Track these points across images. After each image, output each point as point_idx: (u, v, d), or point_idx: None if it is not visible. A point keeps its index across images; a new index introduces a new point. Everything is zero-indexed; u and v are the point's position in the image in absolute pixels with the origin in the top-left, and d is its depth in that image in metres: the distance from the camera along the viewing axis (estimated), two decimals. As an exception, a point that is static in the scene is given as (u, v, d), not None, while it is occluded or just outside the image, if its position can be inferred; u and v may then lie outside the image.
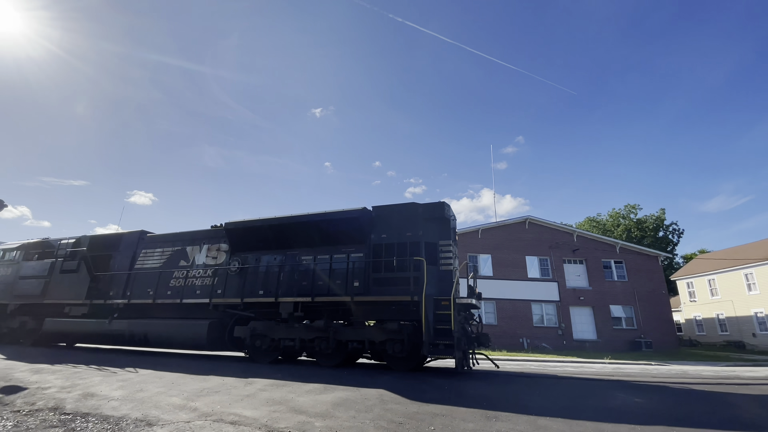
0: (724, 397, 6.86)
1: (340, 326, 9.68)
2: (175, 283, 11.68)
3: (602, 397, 6.51)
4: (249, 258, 11.23)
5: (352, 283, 9.80)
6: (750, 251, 32.89)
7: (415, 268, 9.27)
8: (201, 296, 11.12)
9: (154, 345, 11.30)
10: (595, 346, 24.35)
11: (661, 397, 6.59)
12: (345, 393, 6.14)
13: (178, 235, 12.69)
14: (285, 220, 10.90)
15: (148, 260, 12.55)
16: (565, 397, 6.47)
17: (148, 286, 11.85)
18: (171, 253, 12.36)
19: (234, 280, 10.96)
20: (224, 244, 11.70)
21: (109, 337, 11.73)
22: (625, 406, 5.80)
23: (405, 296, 9.10)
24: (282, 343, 9.97)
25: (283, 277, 10.51)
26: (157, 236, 13.06)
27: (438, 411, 5.13)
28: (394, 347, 9.11)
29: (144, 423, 4.41)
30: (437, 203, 10.18)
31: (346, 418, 4.67)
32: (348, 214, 10.32)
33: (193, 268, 11.71)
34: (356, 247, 10.31)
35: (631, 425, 4.70)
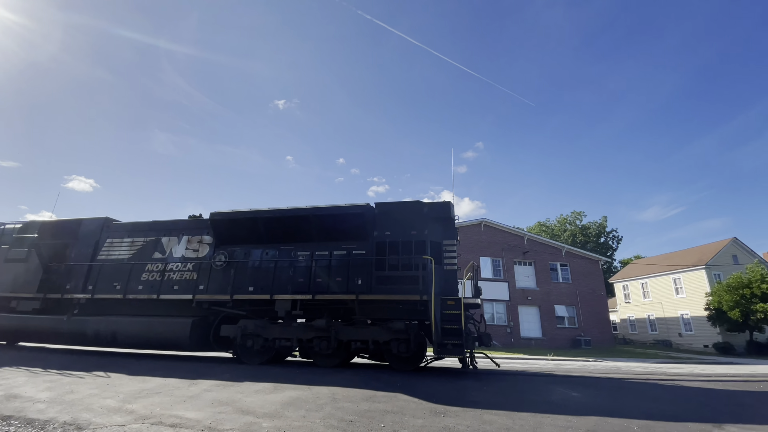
0: (651, 390, 7.48)
1: (341, 326, 9.36)
2: (148, 277, 10.68)
3: (544, 392, 6.86)
4: (237, 252, 10.48)
5: (354, 281, 9.45)
6: (679, 258, 36.24)
7: (422, 267, 9.13)
8: (180, 292, 10.23)
9: (125, 345, 10.31)
10: (540, 344, 25.76)
11: (595, 391, 7.07)
12: (296, 392, 6.04)
13: (152, 225, 11.61)
14: (280, 213, 10.29)
15: (115, 251, 11.40)
16: (510, 392, 6.75)
17: (115, 280, 10.76)
18: (143, 243, 11.30)
19: (219, 275, 10.21)
20: (207, 236, 10.89)
21: (67, 336, 10.56)
22: (564, 400, 6.16)
23: (414, 295, 8.92)
24: (277, 343, 9.49)
25: (278, 273, 9.91)
26: (125, 225, 11.90)
27: (389, 408, 5.16)
28: (399, 347, 8.95)
29: (73, 427, 4.09)
30: (443, 203, 10.06)
31: (295, 417, 4.58)
32: (351, 210, 10.00)
33: (171, 261, 10.76)
34: (358, 244, 9.94)
35: (568, 417, 5.00)
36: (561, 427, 4.53)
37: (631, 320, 39.52)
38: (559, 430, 4.44)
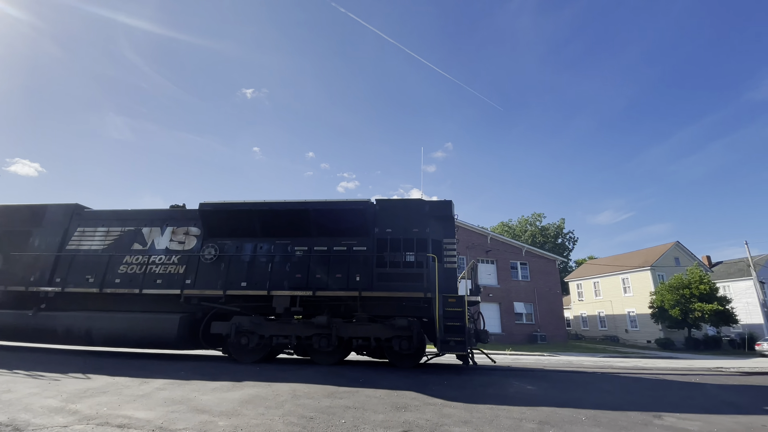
0: (599, 383, 7.94)
1: (342, 323, 9.20)
2: (126, 269, 10.06)
3: (501, 385, 7.11)
4: (228, 245, 10.06)
5: (354, 278, 9.37)
6: (627, 260, 38.76)
7: (425, 265, 9.24)
8: (165, 286, 9.75)
9: (101, 343, 9.71)
10: (499, 339, 26.73)
11: (549, 384, 7.42)
12: (255, 389, 5.90)
13: (130, 213, 10.98)
14: (277, 206, 10.03)
15: (87, 241, 10.58)
16: (469, 385, 6.94)
17: (88, 272, 10.06)
18: (120, 233, 10.58)
19: (209, 270, 9.80)
20: (194, 227, 10.40)
21: (32, 333, 9.73)
22: (519, 393, 6.42)
23: (418, 292, 9.01)
24: (274, 341, 9.27)
25: (275, 268, 9.66)
26: (99, 212, 11.15)
27: (350, 404, 5.16)
28: (401, 344, 8.95)
29: (11, 428, 3.78)
30: (444, 201, 10.18)
31: (253, 415, 4.48)
32: (352, 206, 9.94)
33: (153, 254, 10.18)
34: (358, 241, 9.82)
35: (522, 408, 5.21)
36: (516, 419, 4.70)
37: (583, 317, 41.82)
38: (514, 421, 4.60)
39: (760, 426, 4.78)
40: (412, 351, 9.06)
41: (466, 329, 8.48)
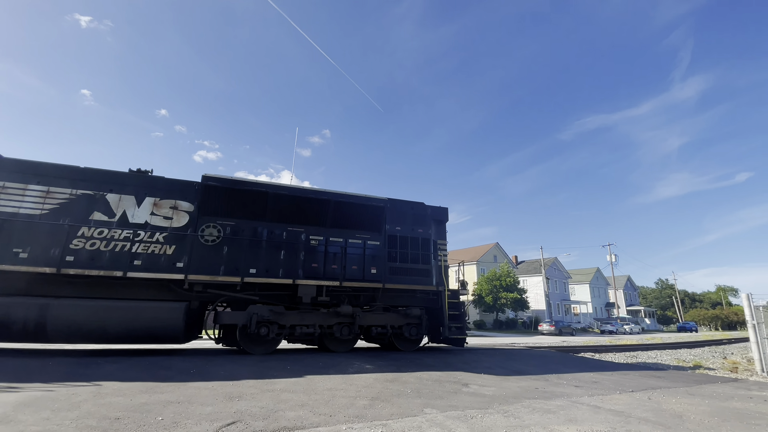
0: (426, 359, 8.95)
1: (362, 312, 9.95)
2: (84, 245, 8.15)
3: (344, 366, 7.42)
4: (231, 227, 9.23)
5: (369, 270, 10.07)
6: (462, 255, 46.02)
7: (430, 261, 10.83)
8: (145, 268, 8.38)
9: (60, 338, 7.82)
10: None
11: (386, 362, 8.07)
12: (41, 392, 4.72)
13: (85, 172, 8.67)
14: (297, 192, 9.97)
15: (10, 200, 8.04)
16: (311, 369, 7.01)
17: (17, 245, 7.78)
18: (69, 197, 8.40)
19: (208, 252, 8.89)
20: (185, 202, 9.08)
21: None
22: (358, 371, 6.80)
23: (430, 286, 10.60)
24: (297, 330, 9.36)
25: (289, 256, 9.50)
26: (29, 163, 8.43)
27: (173, 398, 4.61)
28: (410, 330, 10.40)
29: None
30: (443, 208, 11.69)
31: (33, 421, 3.57)
32: (373, 202, 10.64)
33: (125, 228, 8.52)
34: (372, 235, 10.45)
35: (359, 386, 5.49)
36: (351, 397, 4.92)
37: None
38: (349, 399, 4.81)
39: (534, 389, 6.14)
40: (419, 337, 10.61)
41: (464, 318, 10.59)
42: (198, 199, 9.17)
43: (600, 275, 61.29)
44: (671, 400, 5.84)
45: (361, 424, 4.06)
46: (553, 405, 5.22)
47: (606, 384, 7.05)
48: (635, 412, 4.99)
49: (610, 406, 5.24)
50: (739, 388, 7.10)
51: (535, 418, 4.52)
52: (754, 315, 9.41)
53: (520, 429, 4.08)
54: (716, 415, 4.98)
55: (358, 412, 4.51)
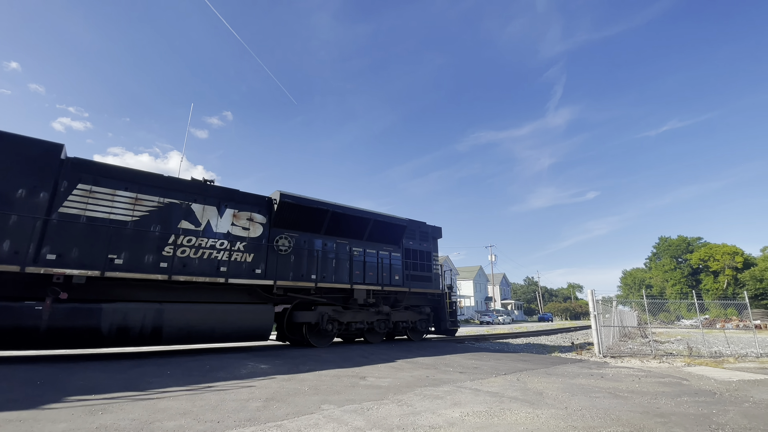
0: (321, 355, 8.87)
1: (393, 311, 12.33)
2: (174, 252, 8.48)
3: (235, 367, 6.93)
4: (296, 238, 10.60)
5: (394, 277, 12.52)
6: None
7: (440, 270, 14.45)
8: (231, 274, 9.12)
9: (174, 340, 8.27)
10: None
11: (282, 361, 7.77)
12: None
13: (168, 181, 8.95)
14: (348, 211, 11.66)
15: (99, 205, 7.86)
16: (196, 373, 6.40)
17: (111, 250, 7.70)
18: (158, 204, 8.55)
19: (282, 260, 10.16)
20: (258, 214, 10.12)
21: (47, 336, 6.88)
22: (252, 373, 6.42)
23: (438, 290, 13.86)
24: (352, 326, 11.32)
25: (340, 264, 11.29)
26: (115, 169, 8.31)
27: (13, 416, 3.74)
28: (422, 325, 13.36)
29: None
30: (438, 227, 14.75)
31: None
32: (400, 222, 13.19)
33: (211, 237, 9.13)
34: (394, 248, 12.97)
35: (251, 389, 5.19)
36: (242, 400, 4.63)
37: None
38: (240, 403, 4.52)
39: (425, 377, 6.53)
40: (427, 330, 13.57)
41: (456, 314, 14.10)
42: (270, 212, 10.34)
43: (482, 272, 68.52)
44: (534, 380, 6.82)
45: (253, 427, 3.82)
46: (441, 391, 5.65)
47: (485, 369, 7.90)
48: (507, 392, 5.69)
49: (487, 389, 5.89)
50: (583, 368, 8.64)
51: (425, 405, 4.82)
52: (595, 307, 11.55)
53: (412, 416, 4.31)
54: (567, 390, 5.97)
55: (250, 415, 4.25)
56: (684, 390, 6.12)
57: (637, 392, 5.89)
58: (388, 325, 12.17)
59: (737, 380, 7.12)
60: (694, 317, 39.98)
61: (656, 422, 4.24)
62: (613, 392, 5.85)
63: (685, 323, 37.26)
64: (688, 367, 8.87)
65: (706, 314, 41.46)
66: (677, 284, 65.71)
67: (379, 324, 12.01)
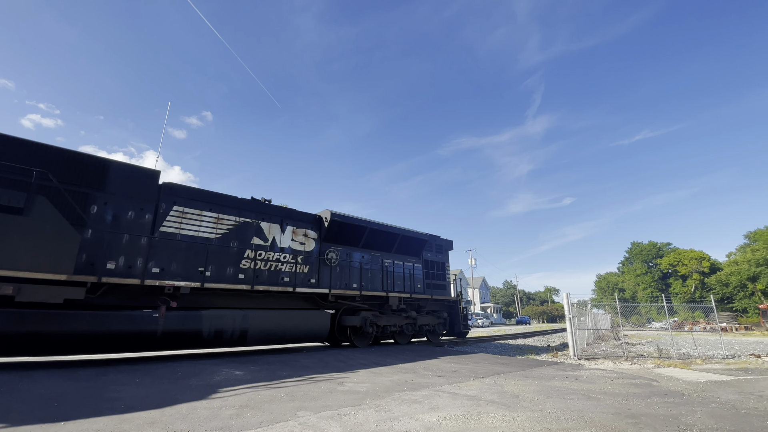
0: (303, 360, 8.74)
1: (419, 315, 13.91)
2: (249, 264, 9.83)
3: (208, 374, 6.72)
4: (341, 251, 12.03)
5: (416, 285, 14.27)
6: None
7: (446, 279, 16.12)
8: (291, 284, 10.58)
9: (255, 343, 9.75)
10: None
11: (258, 368, 7.59)
12: None
13: (243, 203, 10.34)
14: (382, 228, 13.27)
15: (190, 224, 9.11)
16: (166, 380, 6.15)
17: (200, 263, 8.94)
18: (235, 224, 9.90)
19: (330, 271, 11.49)
20: (312, 231, 11.49)
21: (161, 339, 8.08)
22: (226, 380, 6.23)
23: (453, 297, 15.86)
24: (387, 329, 12.75)
25: (375, 274, 12.93)
26: (200, 192, 9.58)
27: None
28: (440, 328, 15.05)
29: None
30: (450, 240, 16.65)
31: None
32: (423, 237, 14.92)
33: (276, 251, 10.52)
34: (416, 260, 14.71)
35: (223, 396, 5.04)
36: (215, 408, 4.50)
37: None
38: (212, 410, 4.39)
39: (404, 381, 6.52)
40: (443, 332, 15.38)
41: (467, 319, 16.02)
42: (321, 229, 11.77)
43: (462, 276, 69.31)
44: (511, 383, 6.89)
45: (225, 435, 3.70)
46: (419, 395, 5.63)
47: (463, 372, 7.94)
48: (484, 395, 5.72)
49: (465, 392, 5.90)
50: (559, 370, 8.80)
51: (403, 409, 4.79)
52: (571, 310, 11.81)
53: (390, 421, 4.27)
54: (543, 392, 6.05)
55: (222, 423, 4.11)
56: (654, 391, 6.31)
57: (610, 393, 6.03)
58: (414, 327, 13.87)
59: (704, 381, 7.39)
60: (663, 320, 41.44)
61: (627, 423, 4.34)
62: (586, 394, 5.97)
63: (656, 326, 38.61)
64: (658, 369, 9.16)
65: (675, 317, 43.06)
66: (648, 288, 68.07)
67: (407, 327, 13.61)
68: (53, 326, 6.97)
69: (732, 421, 4.49)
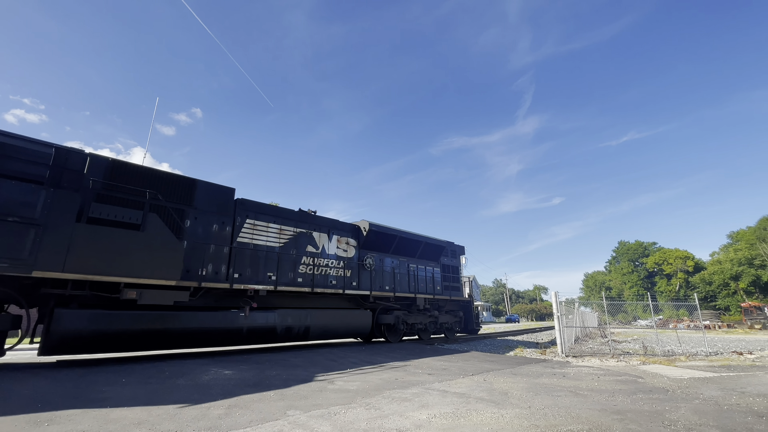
0: (293, 359, 8.71)
1: (439, 314, 15.72)
2: (305, 270, 11.20)
3: (197, 373, 6.64)
4: (375, 257, 13.42)
5: (436, 288, 15.80)
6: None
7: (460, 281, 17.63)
8: (338, 286, 11.92)
9: (315, 337, 11.18)
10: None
11: (247, 367, 7.52)
12: None
13: (299, 215, 11.79)
14: (410, 236, 14.97)
15: (260, 235, 10.41)
16: (154, 380, 6.07)
17: (269, 269, 10.29)
18: (294, 234, 11.28)
19: (367, 275, 12.93)
20: (352, 239, 12.93)
21: (246, 335, 9.53)
22: (215, 380, 6.17)
23: (467, 298, 17.66)
24: (414, 327, 14.43)
25: (401, 278, 14.34)
26: (266, 206, 11.03)
27: None
28: (456, 326, 16.90)
29: None
30: (462, 246, 18.38)
31: None
32: (444, 244, 16.88)
33: (324, 257, 11.78)
34: (435, 264, 16.24)
35: (212, 395, 4.98)
36: (203, 408, 4.44)
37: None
38: (201, 410, 4.34)
39: (394, 379, 6.54)
40: (459, 329, 17.15)
41: (479, 317, 17.81)
42: (359, 237, 13.27)
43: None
44: (500, 380, 6.95)
45: (214, 435, 3.66)
46: (409, 393, 5.65)
47: (453, 370, 7.99)
48: (474, 393, 5.77)
49: (455, 390, 5.94)
50: (547, 367, 8.91)
51: (393, 407, 4.80)
52: (559, 308, 11.96)
53: (380, 419, 4.28)
54: (531, 390, 6.12)
55: (211, 423, 4.07)
56: (639, 387, 6.42)
57: (596, 390, 6.12)
58: (436, 325, 15.49)
59: (688, 378, 7.55)
60: (649, 318, 42.28)
61: (613, 419, 4.41)
62: (574, 391, 6.05)
63: (641, 323, 39.33)
64: (643, 366, 9.34)
65: (660, 315, 43.90)
66: (634, 286, 69.28)
67: (430, 325, 15.19)
68: (167, 324, 8.26)
69: (715, 417, 4.60)
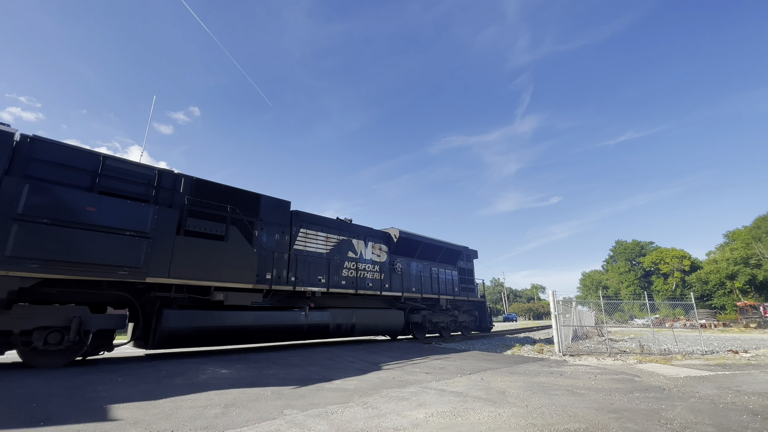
0: (290, 358, 8.69)
1: (458, 313, 17.30)
2: (348, 273, 12.41)
3: (193, 373, 6.62)
4: (403, 262, 14.82)
5: (454, 289, 17.31)
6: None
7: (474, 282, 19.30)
8: (375, 288, 13.22)
9: (359, 334, 12.59)
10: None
11: (244, 366, 7.50)
12: None
13: (340, 224, 13.00)
14: (433, 242, 16.45)
15: (311, 243, 11.72)
16: (150, 379, 6.05)
17: (319, 273, 11.50)
18: (337, 241, 12.49)
19: (397, 278, 14.25)
20: (384, 245, 14.30)
21: (307, 332, 10.90)
22: (212, 379, 6.15)
23: (481, 298, 19.43)
24: (439, 325, 15.97)
25: (425, 280, 15.58)
26: (315, 217, 12.24)
27: None
28: (471, 324, 18.54)
29: None
30: (476, 251, 19.70)
31: None
32: (461, 249, 18.34)
33: (362, 262, 13.09)
34: (453, 267, 17.75)
35: (210, 393, 4.97)
36: (200, 407, 4.44)
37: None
38: (197, 410, 4.33)
39: (392, 378, 6.61)
40: (473, 327, 18.65)
41: (491, 316, 18.78)
42: (390, 243, 14.59)
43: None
44: (497, 379, 6.96)
45: (210, 435, 3.64)
46: (406, 392, 5.64)
47: (450, 369, 7.99)
48: (471, 391, 5.77)
49: (452, 389, 5.94)
50: (544, 366, 8.92)
51: (390, 406, 4.80)
52: (556, 307, 11.98)
53: (377, 418, 4.27)
54: (528, 388, 6.13)
55: (207, 422, 4.06)
56: (636, 386, 6.44)
57: (593, 389, 6.14)
58: (456, 324, 17.03)
59: (684, 377, 7.59)
60: (645, 317, 42.45)
61: (610, 418, 4.42)
62: (571, 389, 6.07)
63: (638, 322, 39.50)
64: (639, 365, 9.37)
65: (656, 314, 44.14)
66: (631, 285, 69.54)
67: (451, 323, 16.70)
68: (247, 322, 9.46)
69: (711, 415, 4.61)
